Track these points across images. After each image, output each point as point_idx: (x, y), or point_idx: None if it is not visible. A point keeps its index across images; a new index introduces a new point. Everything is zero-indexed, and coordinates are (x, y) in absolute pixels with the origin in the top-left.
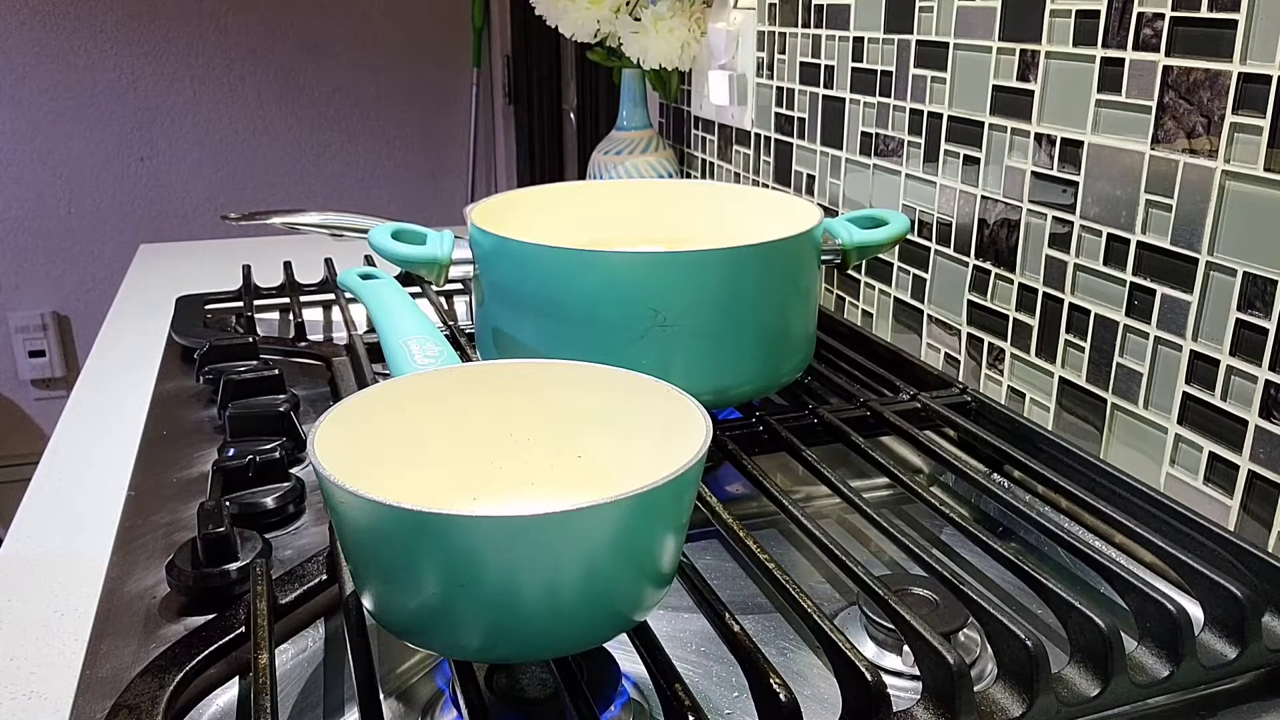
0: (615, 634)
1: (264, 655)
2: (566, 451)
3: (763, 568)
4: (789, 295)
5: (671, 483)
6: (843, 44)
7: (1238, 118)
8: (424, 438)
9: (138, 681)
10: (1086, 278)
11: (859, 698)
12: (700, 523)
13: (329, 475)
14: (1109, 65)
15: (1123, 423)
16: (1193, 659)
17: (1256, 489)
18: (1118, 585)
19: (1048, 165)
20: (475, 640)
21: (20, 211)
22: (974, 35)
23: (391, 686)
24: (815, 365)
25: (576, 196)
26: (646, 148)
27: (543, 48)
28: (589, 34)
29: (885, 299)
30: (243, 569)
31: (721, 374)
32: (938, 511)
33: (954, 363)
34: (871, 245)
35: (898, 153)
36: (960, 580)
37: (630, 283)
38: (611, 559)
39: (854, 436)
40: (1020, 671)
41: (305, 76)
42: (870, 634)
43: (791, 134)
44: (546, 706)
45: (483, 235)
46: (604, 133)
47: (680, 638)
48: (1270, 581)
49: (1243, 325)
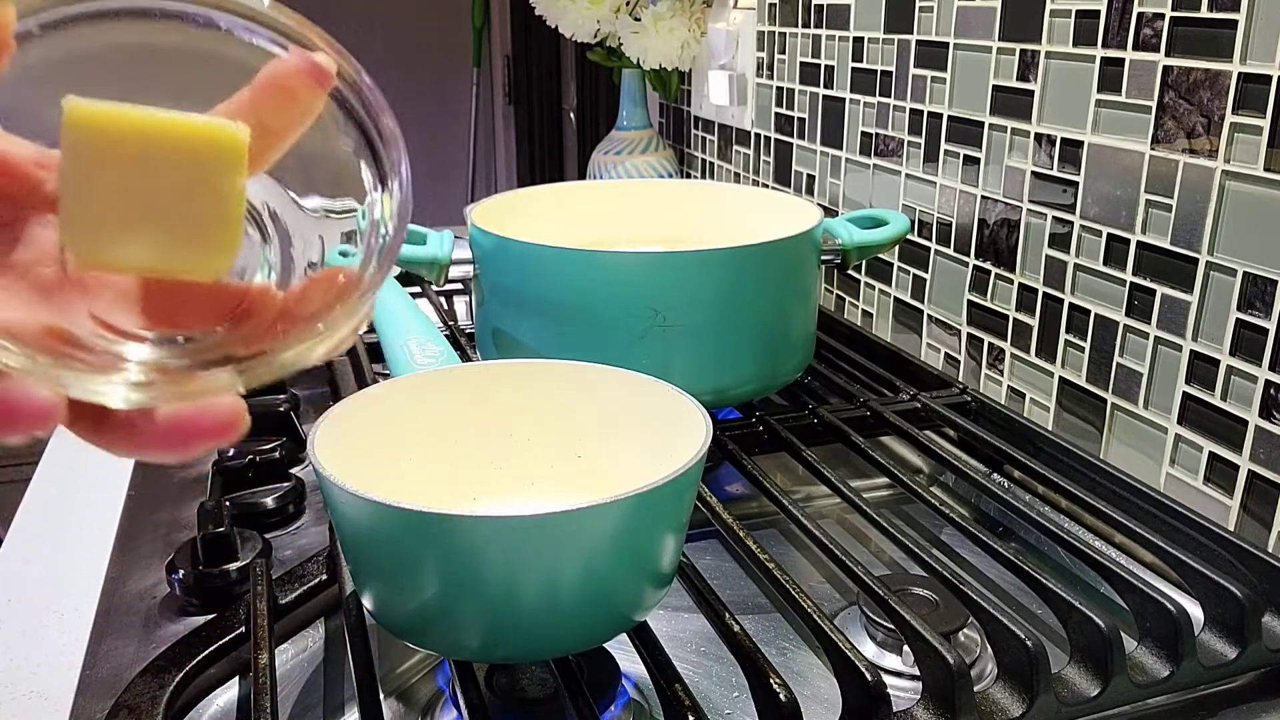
0: (615, 634)
1: (264, 655)
2: (566, 451)
3: (763, 568)
4: (789, 295)
5: (671, 483)
6: (843, 44)
7: (1238, 118)
8: (424, 438)
9: (138, 681)
10: (1086, 278)
11: (859, 698)
12: (700, 523)
13: (329, 475)
14: (1109, 65)
15: (1123, 423)
16: (1193, 659)
17: (1256, 489)
18: (1118, 585)
19: (1048, 165)
20: (475, 640)
21: None
22: (974, 35)
23: (391, 686)
24: (815, 365)
25: (576, 196)
26: (646, 148)
27: (543, 48)
28: (589, 34)
29: (885, 299)
30: (243, 569)
31: (721, 374)
32: (938, 511)
33: (954, 363)
34: (871, 245)
35: (898, 153)
36: (960, 580)
37: (630, 283)
38: (611, 559)
39: (854, 436)
40: (1020, 671)
41: None
42: (870, 634)
43: (791, 134)
44: (546, 706)
45: (483, 235)
46: (604, 133)
47: (680, 638)
48: (1270, 581)
49: (1243, 325)
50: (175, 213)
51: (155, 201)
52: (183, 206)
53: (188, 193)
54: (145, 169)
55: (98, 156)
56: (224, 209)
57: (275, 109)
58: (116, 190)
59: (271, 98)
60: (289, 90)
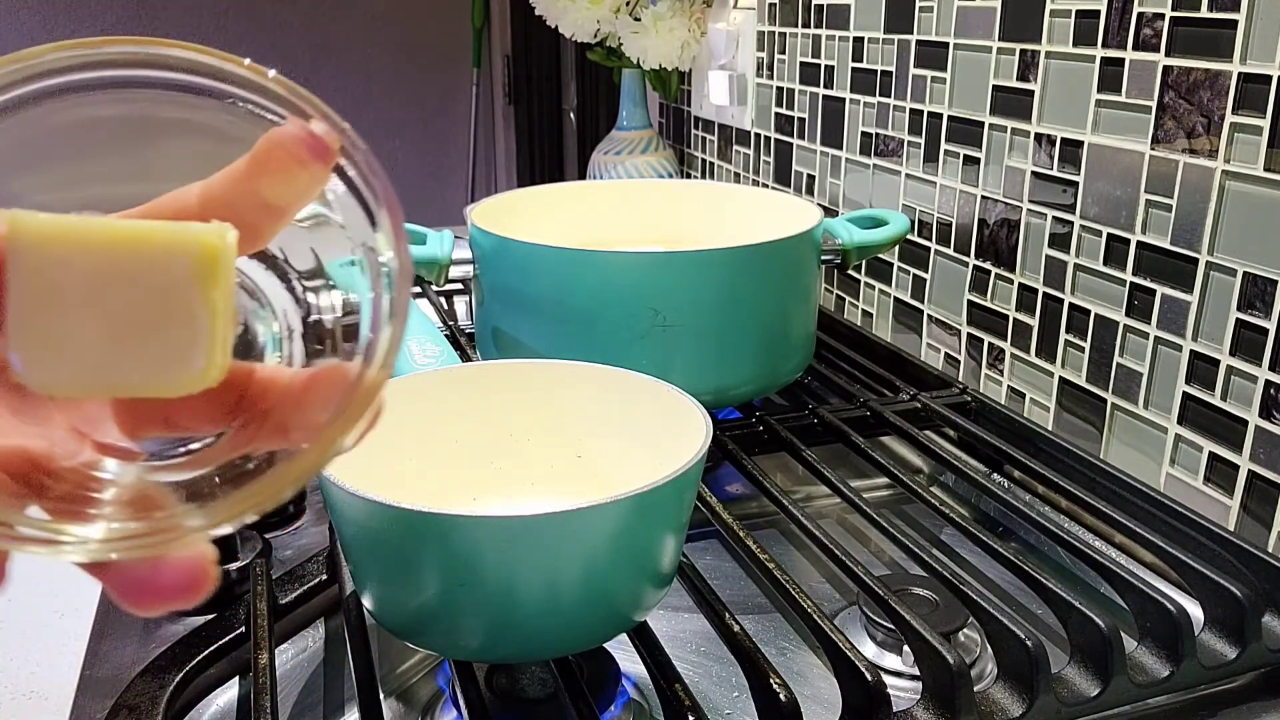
0: (615, 634)
1: (264, 655)
2: (566, 451)
3: (763, 568)
4: (789, 295)
5: (671, 483)
6: (843, 44)
7: (1238, 118)
8: (424, 438)
9: (138, 681)
10: (1086, 278)
11: (859, 698)
12: (700, 523)
13: (329, 475)
14: (1109, 65)
15: (1123, 423)
16: (1193, 659)
17: (1256, 489)
18: (1118, 585)
19: (1048, 165)
20: (476, 640)
21: None
22: (974, 35)
23: (391, 686)
24: (815, 365)
25: (576, 196)
26: (646, 148)
27: (543, 48)
28: (589, 34)
29: (885, 299)
30: (243, 569)
31: (721, 374)
32: (938, 511)
33: (954, 363)
34: (871, 245)
35: (898, 153)
36: (960, 580)
37: (630, 283)
38: (611, 559)
39: (854, 436)
40: (1020, 671)
41: (306, 77)
42: (870, 634)
43: (791, 134)
44: (546, 706)
45: (483, 235)
46: (604, 133)
47: (680, 638)
48: (1270, 581)
49: (1243, 325)
50: (144, 332)
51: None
52: (153, 325)
53: (159, 309)
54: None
55: (48, 276)
56: (202, 323)
57: (277, 183)
58: (72, 312)
59: (272, 171)
60: (292, 162)
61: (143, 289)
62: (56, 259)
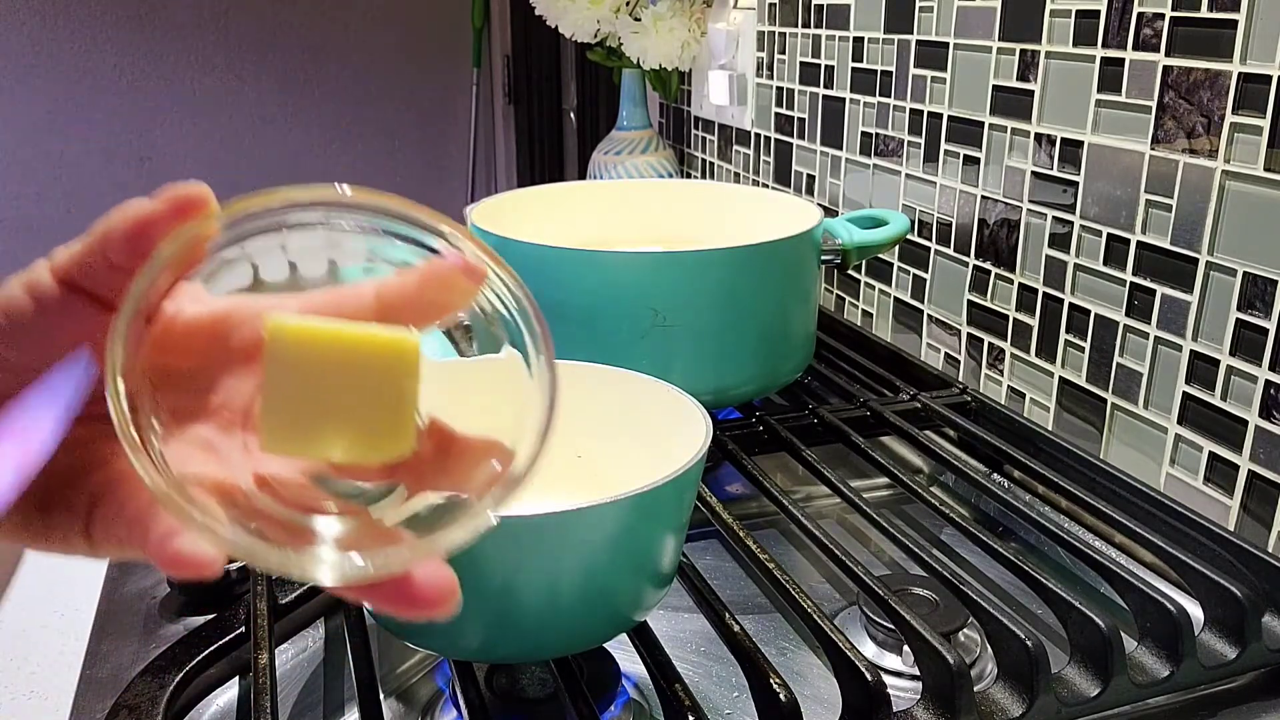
0: (615, 634)
1: (264, 655)
2: (566, 451)
3: (763, 568)
4: (789, 295)
5: (671, 483)
6: (843, 44)
7: (1238, 118)
8: None
9: (138, 681)
10: (1086, 278)
11: (859, 698)
12: (700, 523)
13: None
14: (1109, 65)
15: (1123, 423)
16: (1193, 659)
17: (1256, 489)
18: (1118, 585)
19: (1048, 165)
20: (475, 640)
21: (20, 211)
22: (974, 35)
23: (391, 686)
24: (815, 365)
25: (576, 196)
26: (646, 148)
27: (543, 48)
28: (589, 34)
29: (885, 299)
30: (243, 569)
31: (721, 374)
32: (938, 511)
33: (954, 363)
34: (871, 245)
35: (898, 153)
36: (960, 580)
37: (630, 283)
38: (611, 559)
39: (854, 436)
40: (1020, 671)
41: (306, 77)
42: (870, 634)
43: (791, 134)
44: (546, 706)
45: (483, 235)
46: (604, 133)
47: (680, 638)
48: (1270, 581)
49: (1243, 325)
50: (361, 411)
51: (343, 401)
52: (368, 405)
53: (373, 394)
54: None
55: (294, 364)
56: (403, 406)
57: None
58: (310, 392)
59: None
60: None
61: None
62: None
